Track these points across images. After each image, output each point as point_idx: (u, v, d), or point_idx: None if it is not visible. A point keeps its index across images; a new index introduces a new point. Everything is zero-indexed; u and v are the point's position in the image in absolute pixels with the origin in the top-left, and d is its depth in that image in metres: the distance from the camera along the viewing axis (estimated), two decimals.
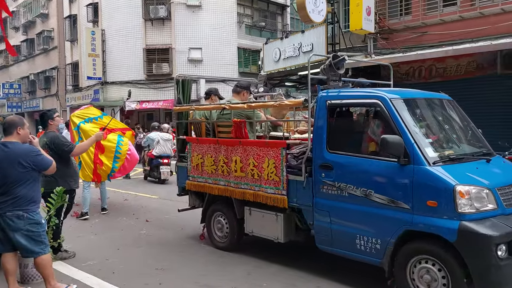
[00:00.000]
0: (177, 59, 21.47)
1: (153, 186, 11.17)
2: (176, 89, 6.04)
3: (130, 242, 5.90)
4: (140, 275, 4.58)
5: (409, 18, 11.54)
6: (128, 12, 21.78)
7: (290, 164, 4.57)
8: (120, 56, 22.33)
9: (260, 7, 24.11)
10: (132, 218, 7.33)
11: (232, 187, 5.10)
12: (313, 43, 12.96)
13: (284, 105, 4.76)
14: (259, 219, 4.96)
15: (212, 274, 4.62)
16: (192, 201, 6.05)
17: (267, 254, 5.22)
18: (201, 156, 5.46)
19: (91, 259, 5.09)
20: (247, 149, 4.87)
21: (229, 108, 5.09)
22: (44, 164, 3.95)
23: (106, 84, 23.09)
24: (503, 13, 9.78)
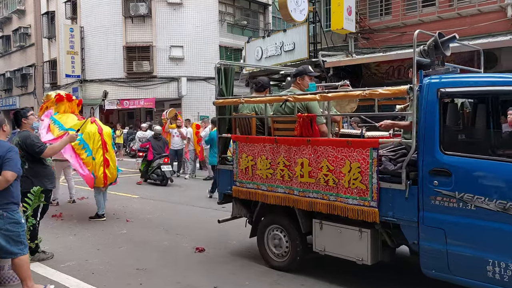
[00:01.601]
0: (158, 57, 21.28)
1: (132, 186, 11.03)
2: (218, 78, 5.14)
3: (111, 243, 5.80)
4: (121, 276, 4.51)
5: (389, 18, 11.71)
6: (108, 9, 21.47)
7: (383, 169, 3.74)
8: (100, 54, 22.00)
9: (242, 6, 24.07)
10: (113, 218, 7.22)
11: (296, 196, 4.25)
12: (295, 42, 13.01)
13: (377, 95, 3.73)
14: (335, 235, 4.10)
15: (194, 274, 4.58)
16: (237, 210, 5.12)
17: (255, 253, 5.21)
18: (252, 157, 4.61)
19: (69, 260, 4.98)
20: (319, 150, 4.02)
21: (294, 100, 4.27)
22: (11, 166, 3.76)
23: (85, 82, 22.72)
24: (480, 14, 10.02)
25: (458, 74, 3.96)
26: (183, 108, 20.85)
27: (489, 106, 3.80)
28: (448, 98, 3.56)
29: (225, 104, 5.09)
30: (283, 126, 4.51)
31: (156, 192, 10.19)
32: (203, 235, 6.08)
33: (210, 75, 21.98)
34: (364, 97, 3.80)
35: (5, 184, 3.68)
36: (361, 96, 3.83)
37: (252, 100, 4.79)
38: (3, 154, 3.71)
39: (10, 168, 3.69)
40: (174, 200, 9.04)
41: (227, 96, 5.16)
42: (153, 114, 22.90)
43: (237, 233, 6.11)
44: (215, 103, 5.13)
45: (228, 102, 5.04)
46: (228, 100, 5.03)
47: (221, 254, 5.23)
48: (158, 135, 11.82)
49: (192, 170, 12.90)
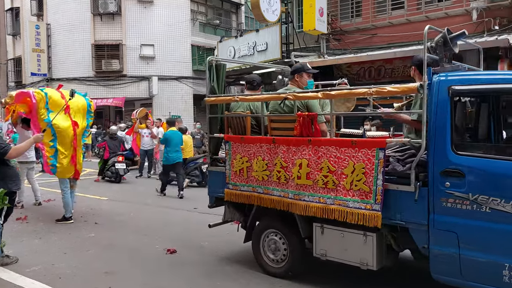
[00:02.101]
0: (128, 55, 20.91)
1: (101, 187, 10.77)
2: (209, 76, 4.87)
3: (78, 246, 5.63)
4: (89, 280, 4.38)
5: (360, 20, 11.90)
6: (76, 6, 20.95)
7: (391, 170, 3.62)
8: (67, 52, 21.44)
9: (214, 5, 23.95)
10: (81, 221, 7.01)
11: (291, 199, 4.04)
12: (268, 42, 13.05)
13: (385, 92, 3.57)
14: (337, 240, 3.90)
15: (164, 275, 4.50)
16: (230, 214, 4.90)
17: (228, 253, 5.15)
18: (248, 158, 4.38)
19: (35, 264, 4.81)
20: (320, 150, 3.82)
21: (294, 98, 4.05)
22: None
23: (52, 81, 22.05)
24: (447, 17, 10.32)
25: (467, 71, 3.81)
26: (154, 107, 20.55)
27: (503, 104, 3.67)
28: (460, 96, 3.45)
29: (217, 103, 4.84)
30: (281, 126, 4.32)
31: (125, 193, 9.98)
32: (174, 236, 6.00)
33: (182, 75, 21.79)
34: (369, 95, 3.63)
35: None
36: (366, 94, 3.64)
37: (248, 98, 4.57)
38: None
39: None
40: (144, 201, 8.87)
41: (219, 94, 4.92)
42: (123, 113, 22.46)
43: (209, 233, 6.05)
44: (207, 101, 4.81)
45: (221, 100, 4.80)
46: (220, 98, 4.80)
47: (193, 255, 5.16)
48: (114, 135, 12.41)
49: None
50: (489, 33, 9.49)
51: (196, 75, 22.32)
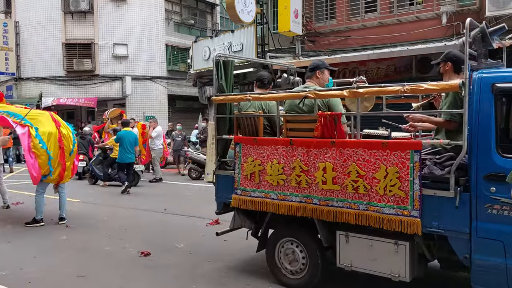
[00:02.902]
0: (101, 54, 20.49)
1: (73, 188, 10.51)
2: (216, 73, 4.53)
3: (49, 249, 5.47)
4: (59, 284, 4.27)
5: (334, 22, 12.05)
6: (45, 4, 20.39)
7: (428, 174, 3.33)
8: (37, 51, 20.84)
9: (189, 5, 23.79)
10: (51, 224, 6.82)
11: (316, 205, 3.75)
12: (243, 43, 13.04)
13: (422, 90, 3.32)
14: (364, 249, 3.62)
15: (137, 279, 4.42)
16: (239, 221, 4.54)
17: (203, 255, 5.11)
18: (260, 162, 4.07)
19: (3, 269, 4.65)
20: (346, 153, 3.55)
21: (316, 96, 3.73)
22: None
23: (21, 80, 21.41)
24: (418, 20, 10.57)
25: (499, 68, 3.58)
26: (127, 108, 20.22)
27: None
28: (505, 94, 3.18)
29: (226, 102, 4.53)
30: (299, 126, 4.03)
31: (98, 195, 9.78)
32: (148, 239, 5.91)
33: (156, 75, 21.53)
34: (403, 93, 3.32)
35: None
36: (399, 92, 3.34)
37: (262, 97, 4.27)
38: None
39: None
40: (117, 203, 8.71)
41: (228, 93, 4.60)
42: (95, 114, 22.00)
43: (184, 235, 6.00)
44: (214, 100, 4.47)
45: (230, 99, 4.50)
46: (230, 97, 4.49)
47: (167, 257, 5.09)
48: (84, 135, 13.03)
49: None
50: (458, 36, 9.77)
51: (171, 75, 22.10)
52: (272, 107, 4.40)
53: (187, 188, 11.03)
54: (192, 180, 12.34)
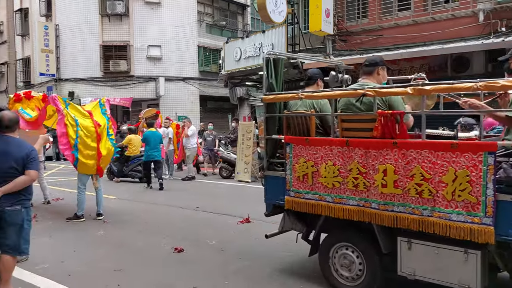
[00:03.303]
0: (136, 56, 21.06)
1: (109, 186, 10.88)
2: (266, 71, 4.45)
3: (87, 244, 5.72)
4: (98, 277, 4.46)
5: (366, 21, 11.92)
6: (84, 7, 21.13)
7: (502, 178, 3.11)
8: (75, 52, 21.62)
9: (220, 6, 24.06)
10: (89, 219, 7.11)
11: (374, 209, 3.55)
12: (274, 43, 13.10)
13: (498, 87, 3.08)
14: (429, 257, 3.40)
15: (172, 274, 4.56)
16: (290, 224, 4.42)
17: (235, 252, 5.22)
18: (314, 163, 3.92)
19: (45, 262, 4.90)
20: (409, 154, 3.32)
21: (375, 94, 3.50)
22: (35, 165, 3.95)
23: (60, 81, 22.27)
24: (453, 18, 10.32)
25: None
26: (161, 108, 20.68)
27: None
28: None
29: (277, 101, 4.44)
30: (355, 126, 3.82)
31: (133, 193, 10.10)
32: (181, 235, 6.07)
33: (189, 75, 21.91)
34: (476, 90, 3.08)
35: (30, 182, 3.80)
36: (472, 89, 3.07)
37: (315, 95, 4.05)
38: (28, 153, 3.78)
39: (34, 167, 3.80)
40: (152, 200, 8.97)
41: (278, 91, 4.49)
42: (130, 113, 22.62)
43: (216, 233, 6.13)
44: (264, 100, 4.38)
45: (281, 98, 4.37)
46: (281, 96, 4.35)
47: (199, 254, 5.22)
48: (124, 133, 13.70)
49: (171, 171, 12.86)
50: (496, 34, 9.48)
51: (203, 76, 22.43)
52: (324, 105, 4.24)
53: (218, 186, 11.22)
54: (223, 178, 12.53)
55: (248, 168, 11.74)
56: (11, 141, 3.81)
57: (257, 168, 12.03)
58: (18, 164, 3.72)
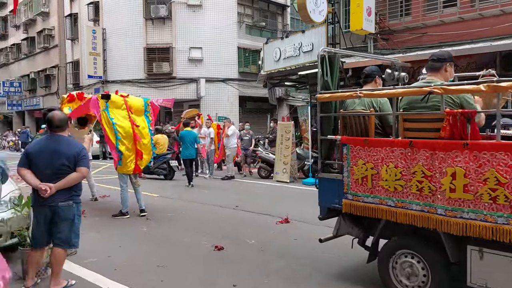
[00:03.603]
0: (178, 58, 21.52)
1: (153, 185, 11.23)
2: (321, 69, 4.29)
3: (132, 240, 5.94)
4: (142, 272, 4.62)
5: (409, 19, 11.62)
6: (129, 11, 21.83)
7: None
8: (121, 55, 22.37)
9: (260, 7, 24.16)
10: (133, 216, 7.38)
11: (441, 216, 3.32)
12: (314, 43, 13.02)
13: None
14: (504, 268, 3.14)
15: (212, 271, 4.66)
16: (346, 228, 4.26)
17: (274, 252, 5.27)
18: (373, 165, 3.74)
19: (92, 256, 5.13)
20: (482, 157, 3.10)
21: (443, 92, 3.28)
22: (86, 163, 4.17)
23: (107, 83, 23.11)
24: (503, 14, 9.86)
25: None
26: (201, 108, 21.05)
27: None
28: None
29: (333, 100, 4.24)
30: (419, 126, 3.62)
31: (175, 191, 10.36)
32: (222, 233, 6.18)
33: (228, 76, 22.16)
34: None
35: (81, 179, 4.02)
36: None
37: (376, 93, 3.77)
38: (78, 152, 3.98)
39: (85, 165, 4.01)
40: (193, 199, 9.17)
41: (334, 90, 4.29)
42: (172, 114, 23.16)
43: (255, 232, 6.19)
44: (319, 99, 4.21)
45: (338, 96, 4.11)
46: (337, 95, 4.10)
47: (240, 252, 5.30)
48: (170, 133, 14.27)
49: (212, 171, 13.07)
50: None
51: (242, 77, 22.61)
52: (384, 104, 4.02)
53: (257, 186, 11.30)
54: (262, 178, 12.60)
55: (287, 169, 11.75)
56: (62, 140, 4.01)
57: (296, 168, 12.03)
58: (69, 162, 3.92)
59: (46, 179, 3.86)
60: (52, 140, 4.00)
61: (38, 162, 3.92)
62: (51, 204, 3.88)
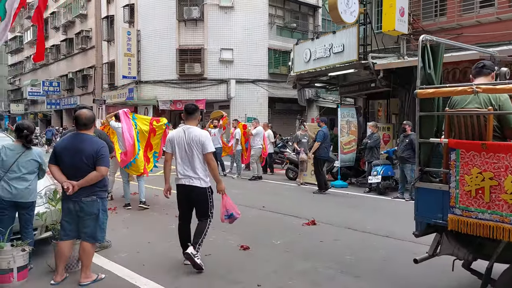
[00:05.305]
0: (209, 59, 21.79)
1: None
2: (422, 60, 3.75)
3: (160, 237, 6.07)
4: (169, 269, 4.72)
5: (444, 19, 11.34)
6: (163, 13, 22.28)
7: None
8: (154, 56, 22.84)
9: (291, 8, 24.13)
10: (162, 213, 7.54)
11: None
12: (344, 44, 12.89)
13: None
14: None
15: (238, 270, 4.70)
16: (449, 247, 3.62)
17: (301, 253, 5.28)
18: (493, 175, 3.13)
19: (122, 251, 5.28)
20: None
21: None
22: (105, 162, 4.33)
23: (140, 83, 23.67)
24: None
25: None
26: (231, 109, 21.24)
27: None
28: None
29: (437, 96, 3.65)
30: None
31: None
32: (248, 233, 6.22)
33: (258, 78, 22.25)
34: None
35: (100, 178, 4.10)
36: None
37: (498, 88, 3.17)
38: (97, 150, 4.08)
39: (104, 164, 4.10)
40: (220, 197, 9.24)
41: (438, 85, 3.76)
42: (203, 115, 23.47)
43: (281, 233, 6.20)
44: (419, 95, 3.59)
45: (444, 92, 3.54)
46: (444, 90, 3.53)
47: (265, 252, 5.32)
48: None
49: (239, 170, 13.17)
50: None
51: (272, 78, 22.66)
52: (505, 102, 3.41)
53: (284, 187, 11.29)
54: (289, 180, 12.57)
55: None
56: (85, 138, 4.12)
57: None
58: (88, 160, 4.02)
59: (71, 176, 4.01)
60: (76, 138, 4.12)
61: (63, 159, 4.07)
62: (75, 199, 4.03)
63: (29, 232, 4.44)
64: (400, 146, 9.49)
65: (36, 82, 37.04)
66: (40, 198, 4.83)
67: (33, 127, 4.80)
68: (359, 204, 8.89)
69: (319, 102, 23.30)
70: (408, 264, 4.79)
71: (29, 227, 4.46)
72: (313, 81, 16.39)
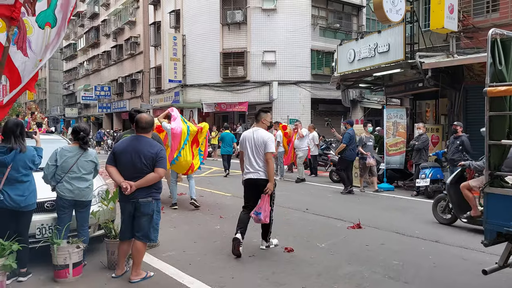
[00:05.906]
0: (252, 62, 21.97)
1: (226, 184, 11.58)
2: (492, 55, 3.54)
3: (206, 236, 6.20)
4: (214, 268, 4.81)
5: (497, 15, 10.83)
6: (207, 18, 22.71)
7: None
8: (199, 60, 23.32)
9: (335, 9, 23.86)
10: (208, 214, 7.70)
11: None
12: (390, 43, 12.60)
13: None
14: None
15: (281, 272, 4.71)
16: None
17: (344, 256, 5.24)
18: None
19: (170, 250, 5.44)
20: None
21: None
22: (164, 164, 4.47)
23: (186, 87, 24.25)
24: None
25: None
26: (273, 111, 21.27)
27: None
28: None
29: (509, 94, 3.43)
30: None
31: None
32: (292, 235, 6.24)
33: (301, 79, 22.16)
34: None
35: (158, 179, 4.28)
36: None
37: None
38: (157, 153, 4.25)
39: (163, 166, 4.27)
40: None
41: (508, 80, 3.55)
42: (246, 117, 23.68)
43: (326, 236, 6.16)
44: (489, 93, 3.40)
45: None
46: None
47: (309, 255, 5.31)
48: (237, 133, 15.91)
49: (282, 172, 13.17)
50: None
51: (315, 79, 22.49)
52: None
53: (328, 190, 11.17)
54: (333, 182, 12.43)
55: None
56: (144, 141, 4.29)
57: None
58: (147, 162, 4.19)
59: (128, 177, 4.18)
60: (136, 141, 4.30)
61: (121, 160, 4.25)
62: (133, 200, 4.20)
63: (85, 230, 4.69)
64: (450, 148, 9.15)
65: (88, 87, 38.88)
66: (93, 197, 5.09)
67: (89, 130, 5.07)
68: (406, 208, 8.65)
69: (363, 103, 22.85)
70: (459, 271, 4.63)
71: (85, 225, 4.71)
72: (357, 82, 16.13)
